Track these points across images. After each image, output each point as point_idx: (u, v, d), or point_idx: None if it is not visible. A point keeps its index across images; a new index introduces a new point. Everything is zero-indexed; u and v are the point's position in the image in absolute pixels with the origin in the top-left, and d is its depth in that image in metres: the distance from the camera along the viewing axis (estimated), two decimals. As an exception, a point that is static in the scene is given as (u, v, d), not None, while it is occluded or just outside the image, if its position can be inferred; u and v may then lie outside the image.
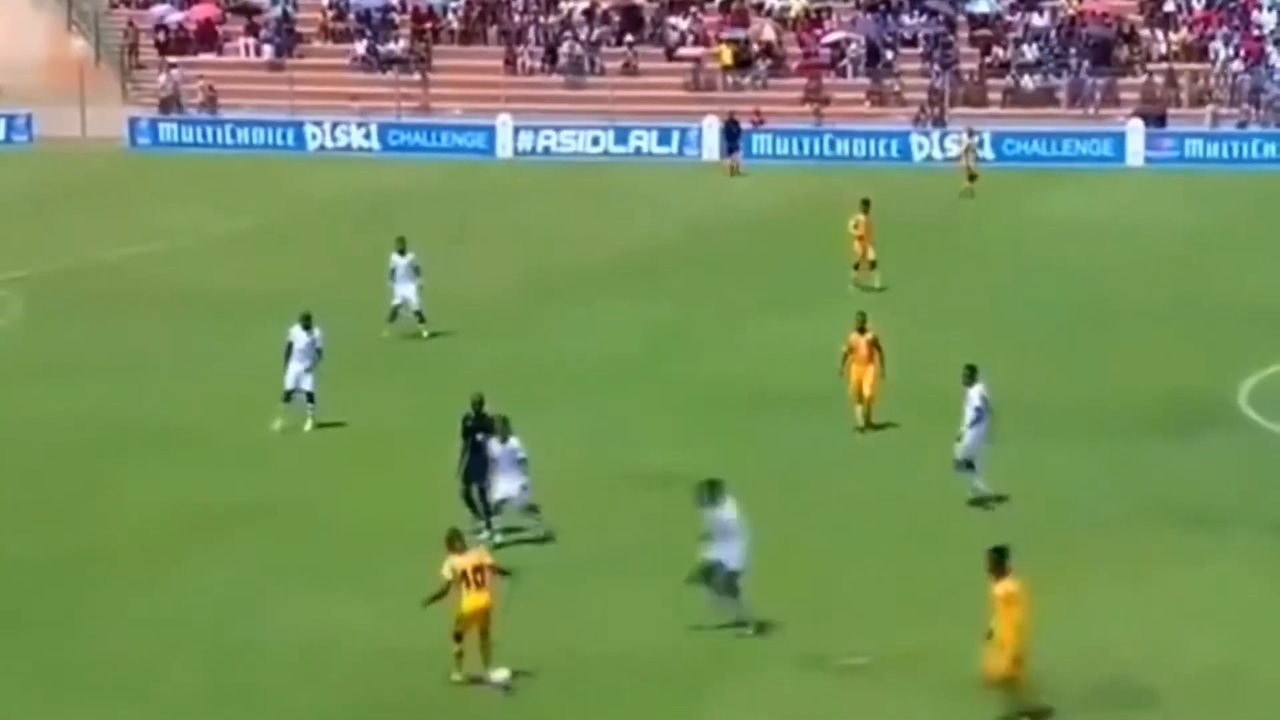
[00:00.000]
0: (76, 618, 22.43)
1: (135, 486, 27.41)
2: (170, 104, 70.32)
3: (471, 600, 20.18)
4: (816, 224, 51.47)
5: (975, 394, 26.58)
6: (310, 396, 30.25)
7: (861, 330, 30.56)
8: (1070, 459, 28.83)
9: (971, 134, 58.78)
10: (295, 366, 30.11)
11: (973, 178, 56.04)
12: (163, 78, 70.89)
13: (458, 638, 20.20)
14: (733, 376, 34.02)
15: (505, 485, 24.57)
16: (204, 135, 68.80)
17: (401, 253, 36.76)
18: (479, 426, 25.16)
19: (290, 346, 30.23)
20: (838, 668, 20.82)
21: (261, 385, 30.73)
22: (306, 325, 30.37)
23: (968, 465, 26.56)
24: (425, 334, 36.76)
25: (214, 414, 31.08)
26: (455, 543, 20.61)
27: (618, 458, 28.85)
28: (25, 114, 69.75)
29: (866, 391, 30.38)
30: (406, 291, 36.62)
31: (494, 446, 24.58)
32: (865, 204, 42.16)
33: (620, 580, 23.51)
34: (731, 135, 62.92)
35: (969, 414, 26.46)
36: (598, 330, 37.99)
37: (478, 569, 20.33)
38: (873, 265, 41.63)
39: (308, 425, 30.18)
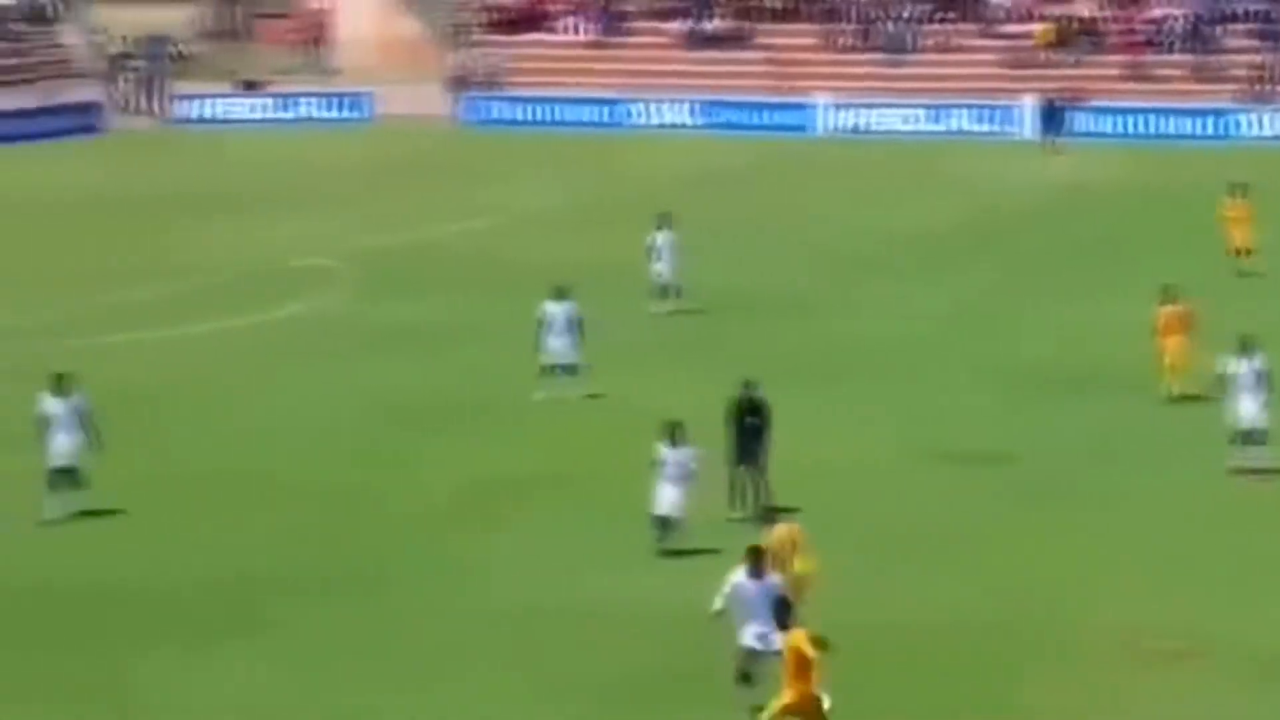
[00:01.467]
0: (375, 587, 22.74)
1: (444, 457, 27.76)
2: (459, 83, 71.36)
3: (803, 563, 20.17)
4: (1133, 203, 50.34)
5: (1259, 363, 26.25)
6: (572, 369, 30.38)
7: (1170, 303, 29.98)
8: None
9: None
10: (555, 341, 30.30)
11: None
12: (453, 58, 71.98)
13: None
14: (1041, 355, 33.45)
15: (670, 495, 23.14)
16: (531, 113, 69.66)
17: (663, 229, 36.76)
18: (748, 409, 24.65)
19: (542, 321, 30.41)
20: (1151, 651, 20.29)
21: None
22: (559, 297, 30.54)
23: (1251, 437, 26.10)
24: (668, 309, 36.59)
25: (523, 387, 31.31)
26: (770, 517, 20.57)
27: (922, 436, 28.53)
28: (364, 92, 71.48)
29: (1178, 362, 29.83)
30: (665, 268, 36.62)
31: (665, 451, 23.17)
32: (1240, 187, 40.27)
33: (929, 557, 23.28)
34: (1052, 116, 61.68)
35: (1250, 383, 26.09)
36: (905, 308, 37.60)
37: (797, 535, 20.40)
38: (1246, 252, 39.68)
39: (574, 396, 30.34)
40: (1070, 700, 19.31)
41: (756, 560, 18.43)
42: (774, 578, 18.51)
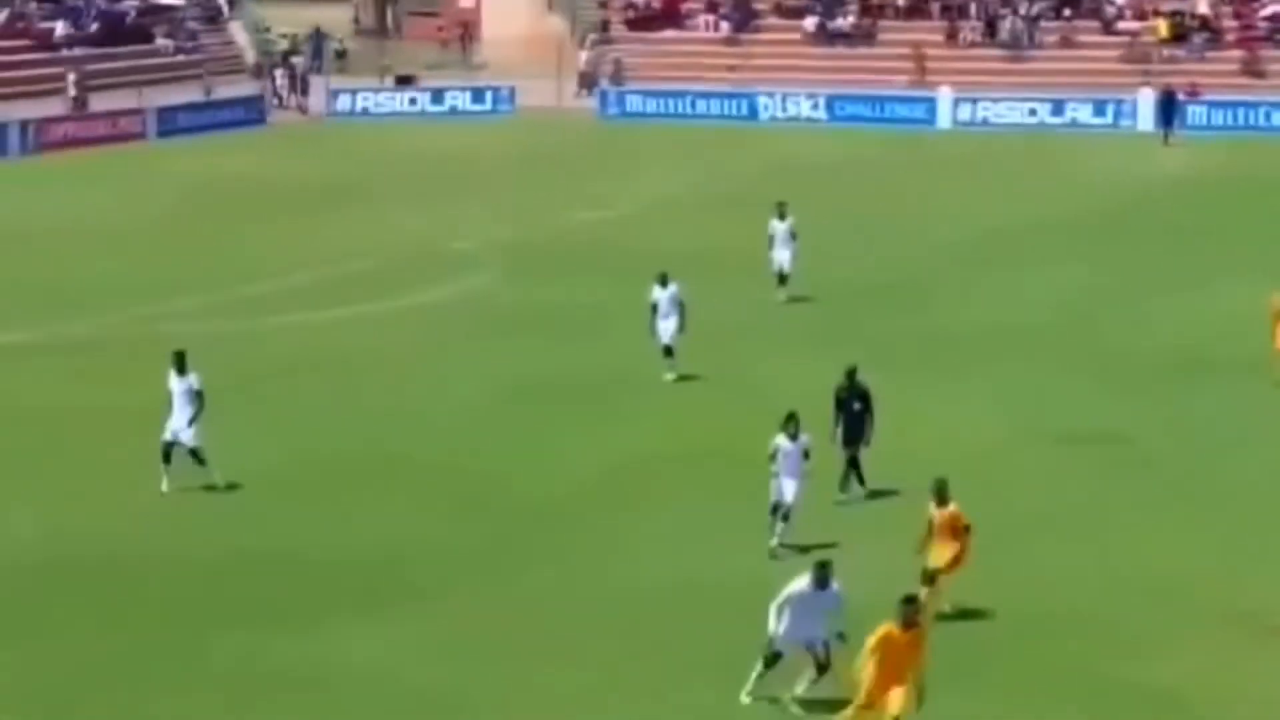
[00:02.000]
0: (512, 565, 22.75)
1: (579, 436, 27.74)
2: (591, 78, 71.52)
3: (947, 552, 20.25)
4: (1246, 196, 49.58)
5: None
6: (669, 350, 30.42)
7: None
8: None
9: None
10: (661, 324, 30.39)
11: None
12: (582, 55, 72.08)
13: (931, 580, 19.92)
14: (1151, 341, 33.00)
15: (789, 487, 22.54)
16: (666, 106, 69.64)
17: (781, 218, 36.59)
18: (852, 395, 24.68)
19: (655, 305, 30.50)
20: (1269, 629, 20.02)
21: (689, 342, 31.00)
22: (664, 283, 30.58)
23: None
24: (784, 297, 36.46)
25: (650, 369, 31.20)
26: (943, 496, 20.59)
27: (1037, 420, 28.21)
28: (509, 86, 71.94)
29: None
30: (782, 256, 36.50)
31: (783, 442, 22.68)
32: None
33: (1047, 540, 23.09)
34: (1168, 107, 60.90)
35: None
36: (1022, 296, 37.24)
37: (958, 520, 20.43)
38: None
39: (670, 376, 30.38)
40: (1187, 676, 19.01)
41: (823, 573, 18.29)
42: (835, 589, 18.31)
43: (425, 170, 57.32)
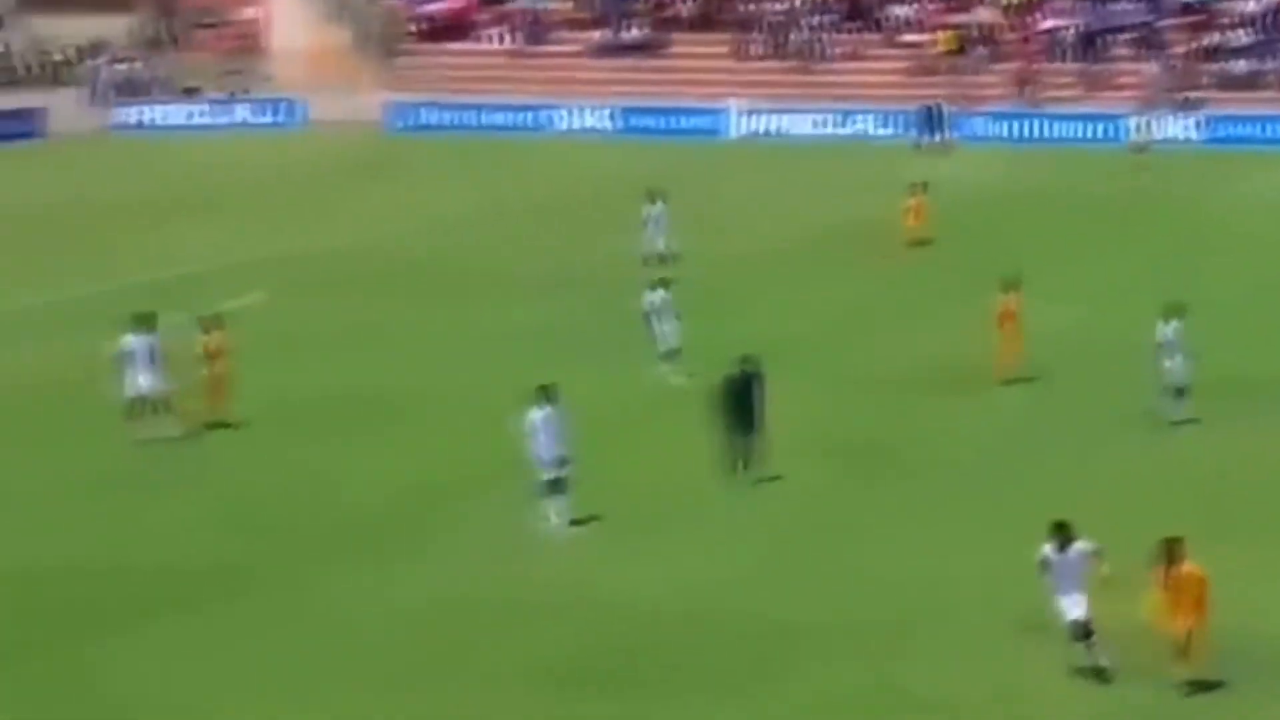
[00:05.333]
0: (309, 582, 23.24)
1: (365, 457, 28.12)
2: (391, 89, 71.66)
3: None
4: (1016, 204, 51.23)
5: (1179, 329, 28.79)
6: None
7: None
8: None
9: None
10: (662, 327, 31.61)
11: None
12: (381, 65, 71.98)
13: None
14: (923, 354, 33.96)
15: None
16: (458, 119, 70.00)
17: (653, 202, 40.29)
18: (747, 381, 26.19)
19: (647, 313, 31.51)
20: (1026, 626, 20.98)
21: (481, 358, 31.40)
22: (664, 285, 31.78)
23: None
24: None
25: (437, 385, 31.69)
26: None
27: (801, 432, 29.05)
28: (297, 99, 71.70)
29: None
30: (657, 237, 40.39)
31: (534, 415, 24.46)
32: (922, 185, 43.62)
33: (819, 548, 23.95)
34: (933, 118, 62.89)
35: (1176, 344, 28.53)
36: (797, 308, 38.16)
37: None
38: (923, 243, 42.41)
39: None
40: (958, 678, 19.88)
41: (1062, 533, 19.34)
42: (1079, 547, 19.28)
43: (220, 184, 57.11)
